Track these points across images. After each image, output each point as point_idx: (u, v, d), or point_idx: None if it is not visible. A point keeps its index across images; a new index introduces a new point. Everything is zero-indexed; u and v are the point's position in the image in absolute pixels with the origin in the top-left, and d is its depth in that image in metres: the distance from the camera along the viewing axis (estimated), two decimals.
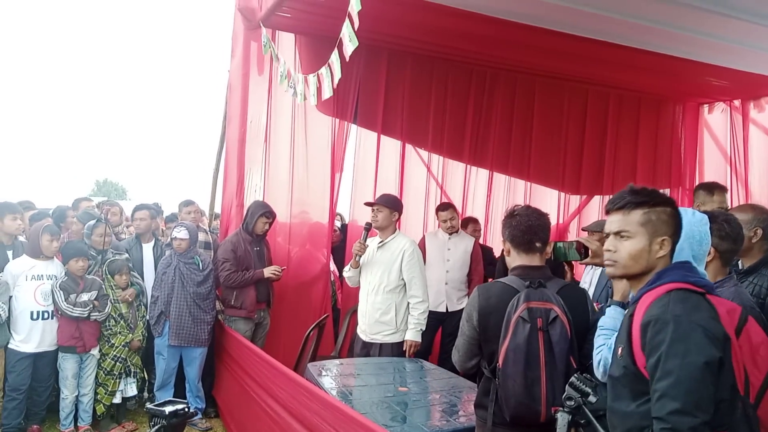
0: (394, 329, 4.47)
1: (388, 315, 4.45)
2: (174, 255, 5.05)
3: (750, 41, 4.99)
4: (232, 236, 5.30)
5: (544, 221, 2.52)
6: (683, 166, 7.65)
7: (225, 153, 5.92)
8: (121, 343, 4.92)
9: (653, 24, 4.67)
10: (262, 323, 5.35)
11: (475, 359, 2.48)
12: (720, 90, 7.02)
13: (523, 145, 6.89)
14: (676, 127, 7.65)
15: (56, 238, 4.76)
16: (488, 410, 2.40)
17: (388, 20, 4.94)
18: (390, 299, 4.46)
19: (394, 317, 4.45)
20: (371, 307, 4.49)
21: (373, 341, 4.50)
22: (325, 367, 4.00)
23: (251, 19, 5.53)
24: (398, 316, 4.46)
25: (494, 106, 6.69)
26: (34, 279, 4.64)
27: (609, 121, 7.26)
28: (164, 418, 2.84)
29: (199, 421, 5.01)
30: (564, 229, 7.26)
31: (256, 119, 5.71)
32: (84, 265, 4.75)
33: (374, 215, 4.56)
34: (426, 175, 6.64)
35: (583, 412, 1.62)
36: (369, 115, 6.09)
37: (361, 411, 2.90)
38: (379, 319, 4.46)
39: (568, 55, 5.56)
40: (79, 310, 4.61)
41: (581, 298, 2.46)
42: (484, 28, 4.93)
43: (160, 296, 5.00)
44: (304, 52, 5.79)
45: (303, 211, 5.87)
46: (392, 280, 4.45)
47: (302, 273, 5.83)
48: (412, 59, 6.21)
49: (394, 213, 4.60)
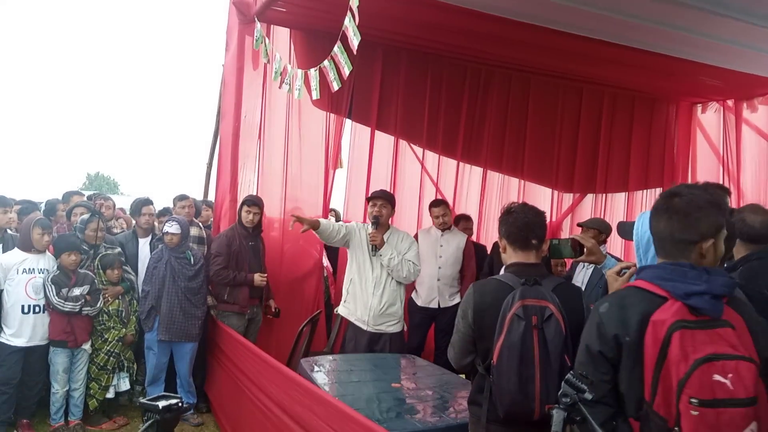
0: (398, 319, 4.68)
1: (395, 306, 4.65)
2: (165, 249, 5.03)
3: (744, 41, 5.00)
4: (228, 230, 5.29)
5: (541, 219, 2.52)
6: (676, 165, 7.68)
7: (219, 147, 5.90)
8: (114, 338, 4.89)
9: (648, 23, 4.68)
10: (255, 319, 5.34)
11: (471, 356, 2.48)
12: (713, 89, 7.05)
13: (517, 142, 6.90)
14: (670, 126, 7.68)
15: (47, 231, 4.72)
16: (482, 407, 2.40)
17: (384, 16, 4.93)
18: (396, 290, 4.66)
19: (399, 308, 4.68)
20: (377, 300, 4.60)
21: (378, 331, 4.61)
22: (317, 363, 4.00)
23: (246, 14, 5.51)
24: (401, 306, 4.70)
25: (489, 103, 6.70)
26: (26, 272, 4.61)
27: (603, 119, 7.28)
28: (157, 413, 2.83)
29: (190, 416, 5.01)
30: (557, 227, 7.28)
31: (250, 114, 5.69)
32: (76, 259, 4.72)
33: (378, 210, 4.63)
34: (420, 172, 6.64)
35: (578, 409, 1.61)
36: (363, 111, 6.09)
37: (354, 407, 2.89)
38: (386, 312, 4.61)
39: (563, 52, 5.57)
40: (70, 305, 4.58)
41: (576, 296, 2.46)
42: (480, 25, 4.93)
43: (151, 291, 4.98)
44: (299, 46, 5.78)
45: (297, 206, 5.86)
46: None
47: (295, 269, 5.83)
48: (407, 55, 6.21)
49: (393, 209, 4.80)
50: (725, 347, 1.62)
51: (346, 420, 2.67)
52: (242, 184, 5.71)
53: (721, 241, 1.76)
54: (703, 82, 6.61)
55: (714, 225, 1.74)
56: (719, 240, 1.76)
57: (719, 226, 1.75)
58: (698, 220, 1.74)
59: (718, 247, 1.76)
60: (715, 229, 1.75)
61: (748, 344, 1.65)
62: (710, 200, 1.75)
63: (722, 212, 1.76)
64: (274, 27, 5.65)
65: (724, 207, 1.78)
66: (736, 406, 1.57)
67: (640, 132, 7.46)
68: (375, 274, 4.63)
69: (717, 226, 1.75)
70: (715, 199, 1.76)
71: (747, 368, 1.60)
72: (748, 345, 1.65)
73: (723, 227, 1.76)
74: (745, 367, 1.60)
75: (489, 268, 5.62)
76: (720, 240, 1.76)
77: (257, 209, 5.23)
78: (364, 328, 4.61)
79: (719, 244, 1.76)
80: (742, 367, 1.60)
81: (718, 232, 1.75)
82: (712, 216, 1.74)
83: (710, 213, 1.74)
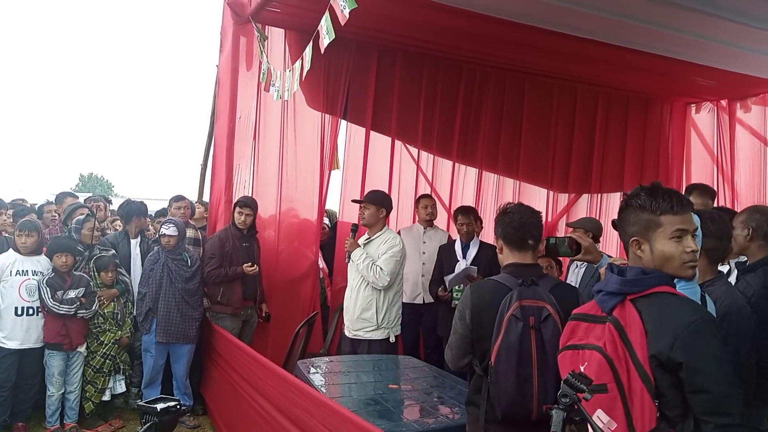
0: (375, 326, 4.49)
1: (369, 311, 4.49)
2: (162, 251, 5.01)
3: (737, 42, 5.03)
4: (222, 231, 5.28)
5: (537, 219, 2.53)
6: (670, 165, 7.69)
7: (213, 148, 5.88)
8: (110, 341, 4.87)
9: (642, 23, 4.69)
10: (250, 320, 5.33)
11: (468, 357, 2.48)
12: (707, 90, 7.07)
13: (512, 143, 6.90)
14: (664, 126, 7.69)
15: (28, 233, 4.65)
16: (480, 408, 2.40)
17: (379, 16, 4.93)
18: (372, 296, 4.49)
19: (375, 314, 4.47)
20: (352, 303, 4.55)
21: (356, 337, 4.55)
22: (314, 365, 4.00)
23: (240, 14, 5.50)
24: (379, 313, 4.48)
25: (484, 103, 6.70)
26: (20, 274, 4.60)
27: (597, 119, 7.29)
28: (156, 416, 2.82)
29: (187, 419, 4.98)
30: (552, 227, 7.28)
31: (245, 115, 5.67)
32: (67, 261, 4.69)
33: (361, 212, 4.59)
34: (415, 173, 6.63)
35: (577, 409, 1.62)
36: (359, 111, 6.07)
37: (351, 408, 2.89)
38: (360, 316, 4.50)
39: (558, 53, 5.58)
40: (65, 308, 4.56)
41: (573, 296, 2.46)
42: (474, 25, 4.93)
43: (148, 293, 4.96)
44: (293, 47, 5.76)
45: (292, 208, 5.85)
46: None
47: (291, 270, 5.81)
48: (402, 56, 6.20)
49: (382, 210, 4.60)
50: (592, 339, 1.81)
51: (343, 421, 2.67)
52: (237, 185, 5.69)
53: (657, 240, 1.82)
54: (697, 82, 6.63)
55: (639, 224, 1.85)
56: (653, 240, 1.83)
57: (648, 225, 1.83)
58: (623, 220, 1.91)
59: (655, 247, 1.82)
60: (643, 228, 1.84)
61: (635, 340, 1.72)
62: (639, 203, 1.86)
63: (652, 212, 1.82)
64: (268, 28, 5.64)
65: (656, 207, 1.83)
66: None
67: (634, 132, 7.47)
68: (352, 278, 4.63)
69: (644, 226, 1.83)
70: (646, 201, 1.84)
71: (595, 358, 1.74)
72: (636, 341, 1.71)
73: (657, 227, 1.81)
74: (594, 357, 1.75)
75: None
76: (655, 240, 1.82)
77: (250, 210, 5.20)
78: (347, 334, 4.63)
79: (655, 244, 1.83)
80: (592, 357, 1.76)
81: (649, 232, 1.83)
82: (635, 216, 1.86)
83: (633, 213, 1.86)
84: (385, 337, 4.51)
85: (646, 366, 1.68)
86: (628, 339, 1.72)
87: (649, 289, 1.78)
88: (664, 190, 1.85)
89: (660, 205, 1.82)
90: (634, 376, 1.68)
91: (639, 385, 1.67)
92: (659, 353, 1.68)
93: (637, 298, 1.78)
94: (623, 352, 1.71)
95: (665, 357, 1.67)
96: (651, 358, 1.69)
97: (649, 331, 1.71)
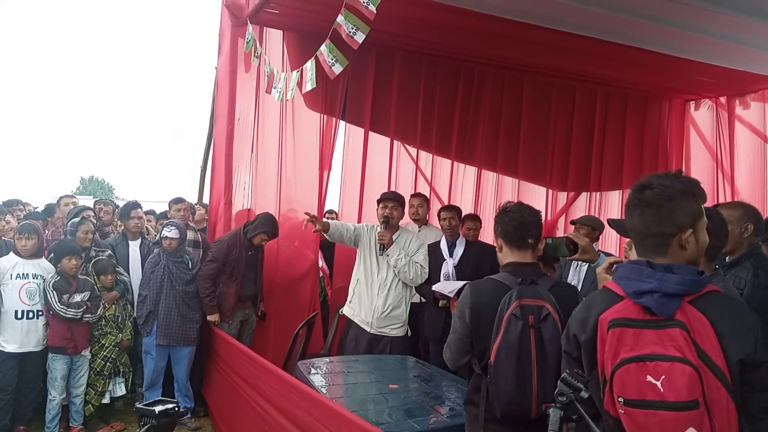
0: (402, 323, 4.64)
1: (400, 309, 4.62)
2: (163, 254, 5.01)
3: (737, 38, 5.02)
4: (231, 237, 5.19)
5: (537, 218, 2.52)
6: (669, 162, 7.69)
7: (213, 150, 5.88)
8: (111, 344, 4.87)
9: (640, 19, 4.69)
10: (248, 320, 5.32)
11: (467, 356, 2.48)
12: (706, 87, 7.06)
13: (511, 141, 6.90)
14: (663, 123, 7.69)
15: (28, 236, 4.63)
16: (479, 407, 2.41)
17: (378, 15, 4.92)
18: (403, 293, 4.63)
19: (404, 311, 4.64)
20: (381, 302, 4.58)
21: (380, 334, 4.59)
22: (314, 365, 3.99)
23: (238, 16, 5.50)
24: (407, 309, 4.66)
25: (482, 102, 6.70)
26: (20, 278, 4.58)
27: (596, 117, 7.29)
28: (154, 418, 2.82)
29: (188, 421, 4.99)
30: (552, 226, 7.28)
31: (244, 116, 5.68)
32: (77, 263, 4.69)
33: (390, 212, 4.62)
34: (414, 172, 6.63)
35: (575, 408, 1.61)
36: (357, 112, 6.08)
37: (352, 409, 2.89)
38: (390, 314, 4.58)
39: (556, 50, 5.57)
40: (72, 311, 4.55)
41: (572, 295, 2.46)
42: (473, 23, 4.92)
43: (149, 295, 4.96)
44: (291, 48, 5.76)
45: (291, 208, 5.84)
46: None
47: (291, 270, 5.81)
48: (401, 55, 6.20)
49: (403, 212, 4.83)
50: (670, 349, 1.54)
51: (343, 422, 2.67)
52: (237, 186, 5.69)
53: (701, 230, 1.68)
54: (696, 79, 6.62)
55: (690, 214, 1.66)
56: (699, 229, 1.68)
57: (696, 214, 1.67)
58: (672, 211, 1.65)
59: (700, 237, 1.68)
60: (693, 218, 1.67)
61: (710, 346, 1.55)
62: (683, 189, 1.67)
63: (697, 199, 1.68)
64: (267, 29, 5.64)
65: (698, 193, 1.69)
66: (666, 409, 1.49)
67: (633, 130, 7.47)
68: (381, 275, 4.63)
69: (694, 215, 1.66)
70: (689, 187, 1.68)
71: (681, 371, 1.51)
72: (711, 347, 1.55)
73: (701, 215, 1.68)
74: (679, 369, 1.51)
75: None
76: (700, 229, 1.68)
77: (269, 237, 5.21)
78: (367, 330, 4.60)
79: (700, 234, 1.68)
80: (675, 370, 1.51)
81: (697, 221, 1.68)
82: (687, 205, 1.66)
83: (684, 202, 1.65)
84: (405, 335, 4.70)
85: (727, 373, 1.54)
86: (700, 345, 1.56)
87: (705, 289, 1.63)
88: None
89: (702, 193, 1.71)
90: (715, 386, 1.53)
91: (724, 395, 1.52)
92: (746, 356, 1.56)
93: (695, 299, 1.61)
94: (698, 361, 1.54)
95: (751, 359, 1.56)
96: (737, 363, 1.56)
97: (725, 334, 1.56)
